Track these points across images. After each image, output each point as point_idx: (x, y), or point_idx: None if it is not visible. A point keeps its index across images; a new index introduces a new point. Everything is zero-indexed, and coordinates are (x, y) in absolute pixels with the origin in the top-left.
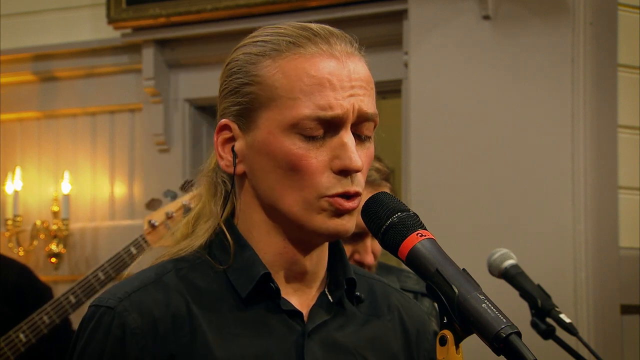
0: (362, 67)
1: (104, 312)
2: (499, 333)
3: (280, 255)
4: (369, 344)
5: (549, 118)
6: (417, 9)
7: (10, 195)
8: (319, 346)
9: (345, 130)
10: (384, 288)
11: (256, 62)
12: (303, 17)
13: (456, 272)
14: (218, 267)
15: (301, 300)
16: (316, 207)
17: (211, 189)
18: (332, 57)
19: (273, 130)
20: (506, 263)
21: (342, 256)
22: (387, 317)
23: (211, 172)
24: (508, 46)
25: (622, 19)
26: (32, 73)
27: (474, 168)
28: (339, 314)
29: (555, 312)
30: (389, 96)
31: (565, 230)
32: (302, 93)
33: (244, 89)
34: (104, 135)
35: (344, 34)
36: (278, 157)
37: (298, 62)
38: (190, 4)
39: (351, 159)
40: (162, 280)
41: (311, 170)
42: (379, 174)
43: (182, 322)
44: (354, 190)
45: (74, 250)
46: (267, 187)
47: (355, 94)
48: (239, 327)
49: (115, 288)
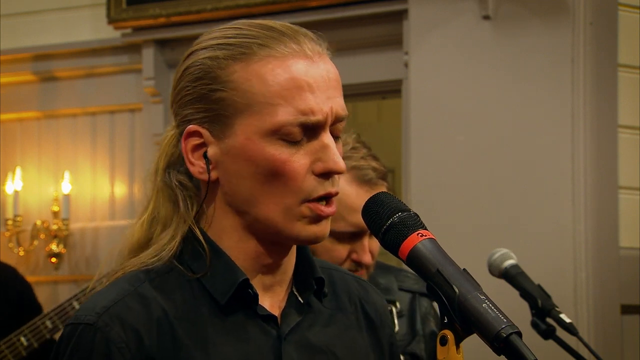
0: (332, 67)
1: (83, 329)
2: (500, 333)
3: (253, 260)
4: (338, 340)
5: (549, 118)
6: (417, 9)
7: (10, 195)
8: (295, 348)
9: (325, 132)
10: (342, 277)
11: (225, 66)
12: (303, 17)
13: (457, 272)
14: (191, 275)
15: (272, 301)
16: (297, 214)
17: (165, 192)
18: (305, 57)
19: (252, 137)
20: (506, 263)
21: (307, 253)
22: (350, 309)
23: (161, 174)
24: (508, 46)
25: (622, 19)
26: (32, 73)
27: (474, 168)
28: (308, 312)
29: (555, 312)
30: (389, 96)
31: (565, 230)
32: (281, 98)
33: (215, 95)
34: (104, 135)
35: (308, 32)
36: (259, 163)
37: (272, 65)
38: (190, 4)
39: (335, 161)
40: (138, 291)
41: (294, 175)
42: (375, 172)
43: (164, 333)
44: (335, 190)
45: (74, 250)
46: (244, 193)
47: (331, 96)
48: (219, 335)
49: (90, 303)
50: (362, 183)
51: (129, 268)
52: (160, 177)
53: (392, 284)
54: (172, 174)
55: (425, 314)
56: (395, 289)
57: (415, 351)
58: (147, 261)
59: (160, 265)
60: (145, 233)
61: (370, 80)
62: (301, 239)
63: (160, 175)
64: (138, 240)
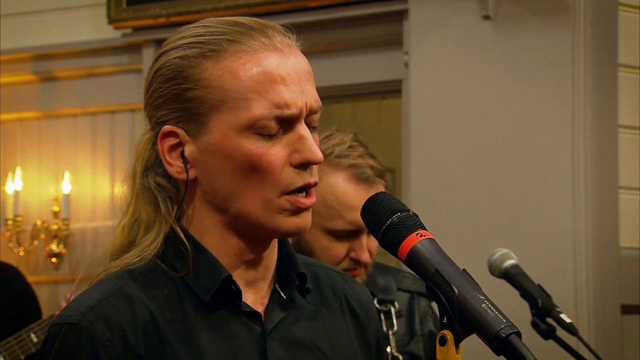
0: (303, 59)
1: (68, 329)
2: (499, 333)
3: (235, 256)
4: (323, 335)
5: (549, 118)
6: (417, 9)
7: (10, 195)
8: (279, 344)
9: (300, 123)
10: (327, 272)
11: (196, 65)
12: (303, 17)
13: (456, 272)
14: (174, 274)
15: (255, 297)
16: (276, 207)
17: (145, 194)
18: (275, 49)
19: (228, 133)
20: (506, 263)
21: (289, 249)
22: (335, 304)
23: (139, 177)
24: (508, 46)
25: (622, 19)
26: (33, 73)
27: (474, 168)
28: (291, 308)
29: (555, 312)
30: (389, 96)
31: (566, 230)
32: (255, 92)
33: (188, 94)
34: (104, 135)
35: (277, 25)
36: (237, 159)
37: (243, 60)
38: (190, 4)
39: (312, 151)
40: (123, 290)
41: (272, 168)
42: (373, 170)
43: (150, 332)
44: (313, 181)
45: (74, 250)
46: (223, 190)
47: (304, 89)
48: (204, 332)
49: (74, 304)
50: (359, 181)
51: (112, 269)
52: (139, 181)
53: (390, 284)
54: (150, 176)
55: (423, 314)
56: (393, 289)
57: (414, 351)
58: (130, 262)
59: (144, 265)
60: (127, 237)
61: (370, 80)
62: (282, 231)
63: (139, 179)
64: (120, 244)
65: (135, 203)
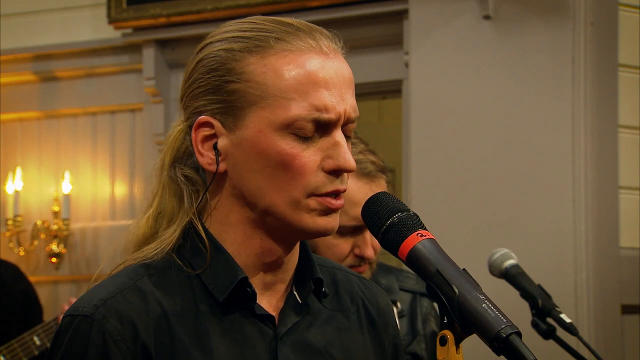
0: (347, 67)
1: (80, 320)
2: (499, 333)
3: (257, 257)
4: (336, 341)
5: (549, 118)
6: (417, 9)
7: (10, 195)
8: (291, 349)
9: (337, 130)
10: (346, 277)
11: (240, 58)
12: (303, 17)
13: (456, 272)
14: (191, 271)
15: (271, 300)
16: (304, 206)
17: (171, 186)
18: (321, 53)
19: (264, 129)
20: (507, 263)
21: (308, 252)
22: (352, 309)
23: (167, 169)
24: (508, 46)
25: (622, 19)
26: (33, 73)
27: (474, 168)
28: (306, 313)
29: (555, 312)
30: (389, 96)
31: (566, 230)
32: (296, 92)
33: (229, 87)
34: (104, 135)
35: (324, 30)
36: (269, 156)
37: (288, 59)
38: (191, 4)
39: (346, 159)
40: (137, 285)
41: (303, 170)
42: (374, 166)
43: (162, 329)
44: (343, 188)
45: (74, 250)
46: (253, 185)
47: (345, 97)
48: (215, 333)
49: (88, 295)
50: (361, 176)
51: (130, 262)
52: (166, 172)
53: (393, 284)
54: (177, 168)
55: (426, 314)
56: (396, 289)
57: (416, 351)
58: (148, 254)
59: (160, 259)
60: (151, 228)
61: (371, 80)
62: (310, 231)
63: (166, 171)
64: (144, 235)
65: (160, 195)
